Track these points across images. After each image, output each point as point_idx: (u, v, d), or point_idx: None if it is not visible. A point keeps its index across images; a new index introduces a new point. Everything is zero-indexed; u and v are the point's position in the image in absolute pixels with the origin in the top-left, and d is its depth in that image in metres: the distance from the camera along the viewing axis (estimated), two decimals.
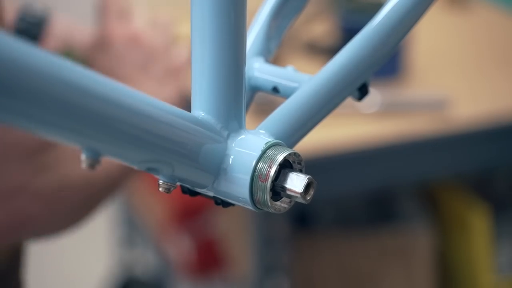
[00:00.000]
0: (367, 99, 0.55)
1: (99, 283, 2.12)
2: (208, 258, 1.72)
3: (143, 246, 1.99)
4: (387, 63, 0.58)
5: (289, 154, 0.48)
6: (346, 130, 1.32)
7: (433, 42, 1.64)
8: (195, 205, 1.72)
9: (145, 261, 1.98)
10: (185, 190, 0.51)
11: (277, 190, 0.48)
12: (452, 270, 1.58)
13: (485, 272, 1.52)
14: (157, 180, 0.47)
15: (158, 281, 1.91)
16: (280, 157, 0.47)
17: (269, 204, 0.47)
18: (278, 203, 0.48)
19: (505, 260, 1.58)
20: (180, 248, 1.74)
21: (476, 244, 1.52)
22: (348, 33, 1.38)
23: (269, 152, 0.48)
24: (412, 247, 1.52)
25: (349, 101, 0.56)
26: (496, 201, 1.58)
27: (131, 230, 2.03)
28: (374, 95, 1.33)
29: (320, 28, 1.55)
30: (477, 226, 1.51)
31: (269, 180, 0.47)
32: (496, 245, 1.55)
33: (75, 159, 0.75)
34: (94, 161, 0.42)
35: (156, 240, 1.87)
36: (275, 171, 0.47)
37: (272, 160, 0.47)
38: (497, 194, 1.62)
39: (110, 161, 0.49)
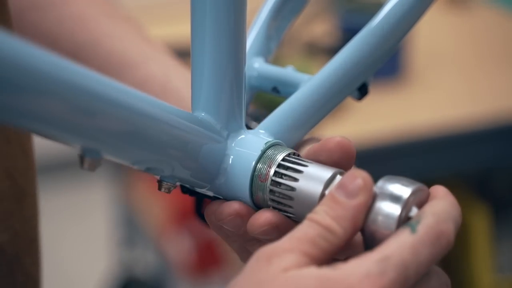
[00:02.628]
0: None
1: (99, 283, 2.12)
2: (208, 258, 1.72)
3: (143, 246, 1.99)
4: (387, 63, 0.58)
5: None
6: (345, 129, 1.32)
7: (433, 42, 1.64)
8: None
9: (145, 261, 1.97)
10: (185, 190, 0.51)
11: None
12: (452, 270, 1.58)
13: (485, 272, 1.52)
14: (157, 180, 0.47)
15: (158, 281, 1.91)
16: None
17: (269, 203, 0.47)
18: None
19: (505, 260, 1.57)
20: (180, 248, 1.74)
21: (476, 244, 1.51)
22: (348, 33, 1.38)
23: (269, 152, 0.48)
24: None
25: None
26: (496, 201, 1.57)
27: (131, 230, 2.03)
28: None
29: (320, 28, 1.55)
30: (477, 226, 1.50)
31: (269, 180, 0.47)
32: (496, 245, 1.55)
33: None
34: (94, 161, 0.42)
35: (156, 240, 1.87)
36: (275, 171, 0.47)
37: (271, 160, 0.47)
38: (497, 194, 1.61)
39: None
